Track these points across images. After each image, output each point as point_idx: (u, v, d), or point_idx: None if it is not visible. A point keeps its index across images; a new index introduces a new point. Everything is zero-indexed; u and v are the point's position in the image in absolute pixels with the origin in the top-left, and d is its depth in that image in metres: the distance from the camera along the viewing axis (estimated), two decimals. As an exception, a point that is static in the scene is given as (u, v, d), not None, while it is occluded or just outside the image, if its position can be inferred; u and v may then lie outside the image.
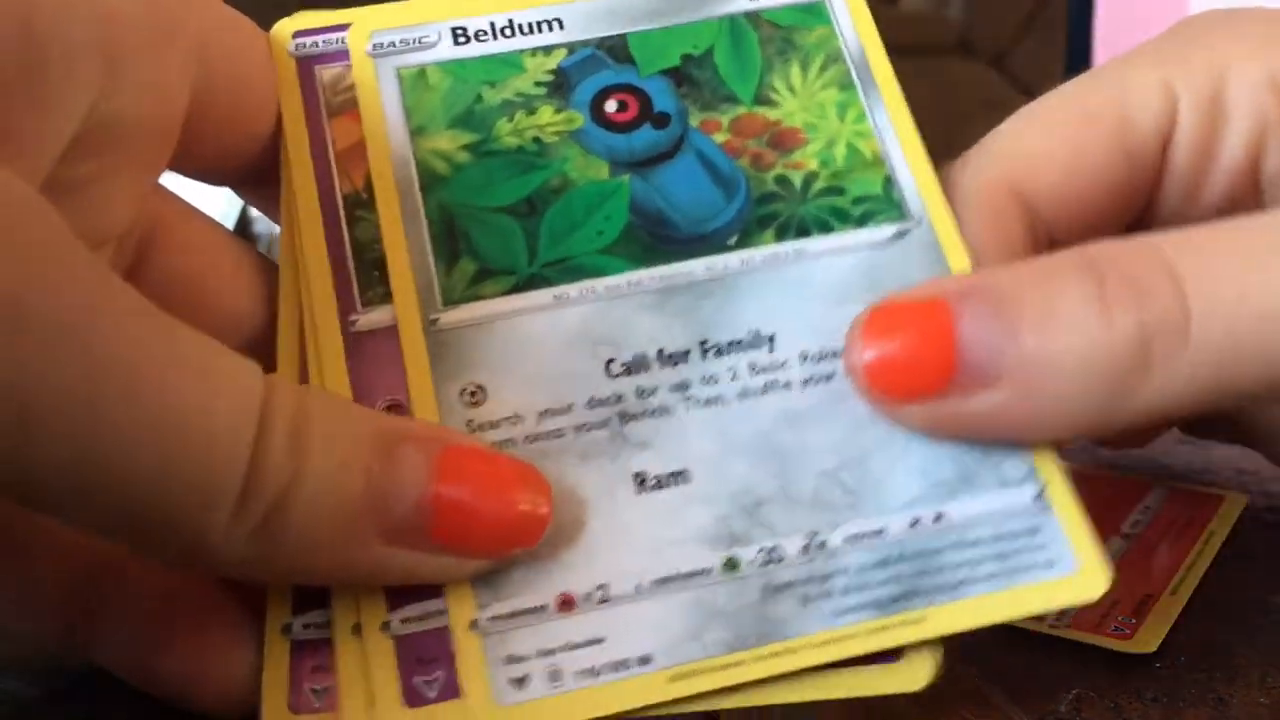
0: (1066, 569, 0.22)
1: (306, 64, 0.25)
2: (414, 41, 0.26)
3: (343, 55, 0.25)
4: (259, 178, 0.25)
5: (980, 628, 0.21)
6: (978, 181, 0.26)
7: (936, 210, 0.25)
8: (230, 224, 0.42)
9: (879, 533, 0.22)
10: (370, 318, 0.23)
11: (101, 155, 0.21)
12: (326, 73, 0.25)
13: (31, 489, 0.18)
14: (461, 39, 0.26)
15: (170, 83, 0.22)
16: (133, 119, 0.22)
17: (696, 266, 0.24)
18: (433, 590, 0.21)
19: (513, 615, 0.21)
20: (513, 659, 0.21)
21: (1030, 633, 0.26)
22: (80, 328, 0.17)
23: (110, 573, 0.22)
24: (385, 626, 0.21)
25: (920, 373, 0.22)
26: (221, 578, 0.22)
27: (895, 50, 0.28)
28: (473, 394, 0.23)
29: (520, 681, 0.21)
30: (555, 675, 0.21)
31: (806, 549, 0.22)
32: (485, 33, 0.26)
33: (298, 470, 0.19)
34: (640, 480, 0.22)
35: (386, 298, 0.23)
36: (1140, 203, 0.28)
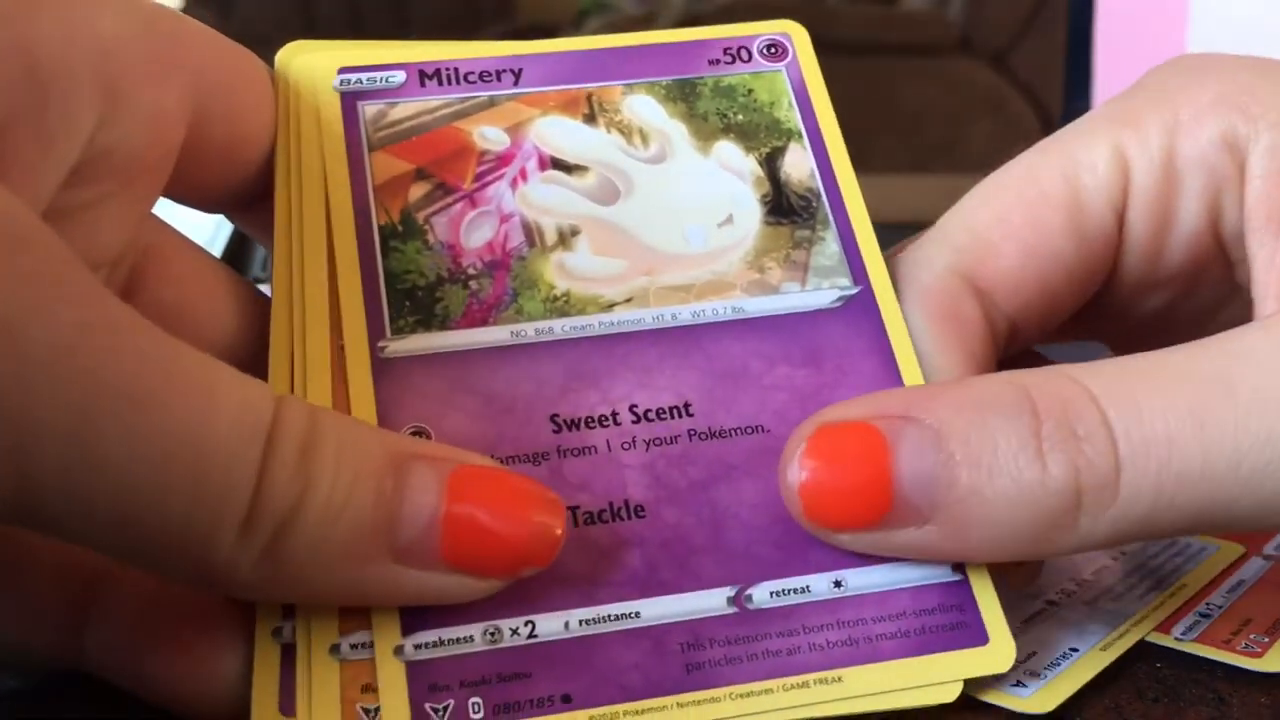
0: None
1: (350, 99, 0.26)
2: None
3: (386, 93, 0.26)
4: (249, 203, 0.25)
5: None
6: (932, 274, 0.26)
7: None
8: (226, 235, 0.42)
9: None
10: (398, 345, 0.23)
11: (98, 183, 0.22)
12: (369, 109, 0.26)
13: (33, 512, 0.18)
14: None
15: (167, 113, 0.22)
16: (130, 148, 0.22)
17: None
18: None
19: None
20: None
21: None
22: (78, 349, 0.17)
23: (105, 580, 0.22)
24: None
25: (855, 507, 0.22)
26: None
27: (895, 50, 0.28)
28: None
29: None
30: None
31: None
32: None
33: (306, 489, 0.19)
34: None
35: (417, 326, 0.24)
36: (1100, 277, 0.28)
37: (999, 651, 0.23)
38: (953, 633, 0.23)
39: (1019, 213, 0.26)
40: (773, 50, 0.28)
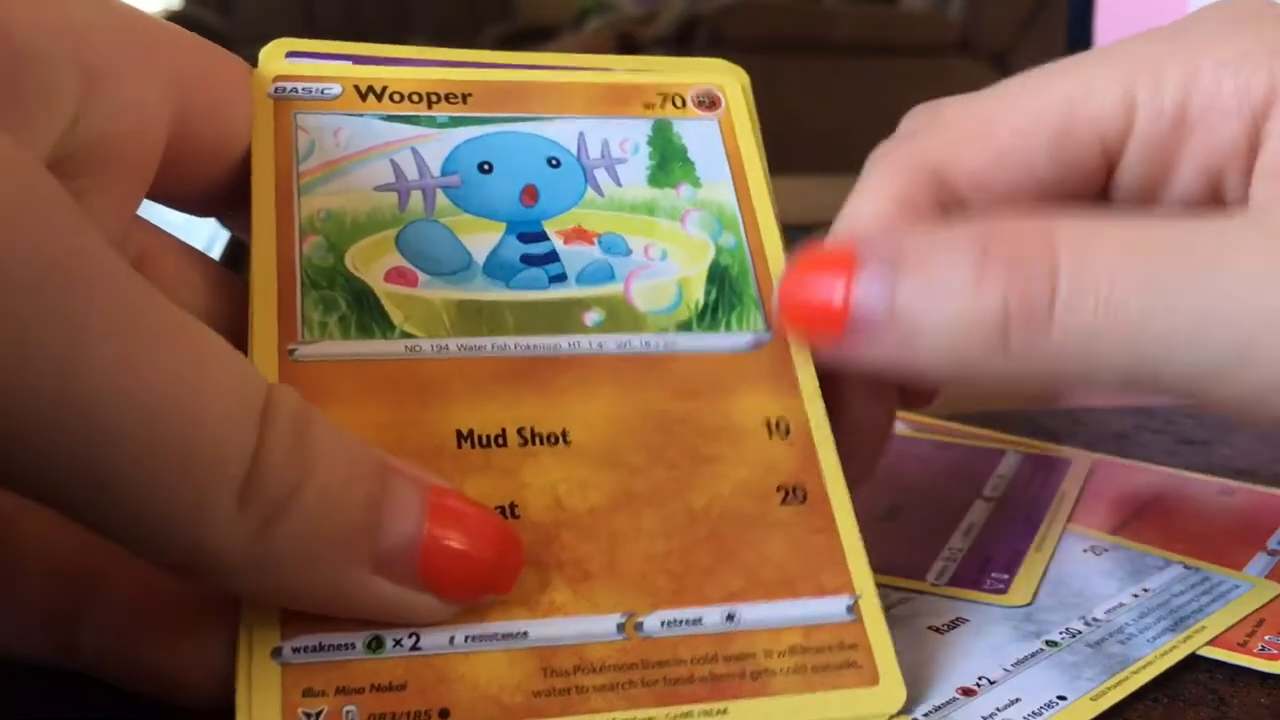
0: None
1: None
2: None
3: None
4: (236, 203, 0.25)
5: None
6: (900, 151, 0.27)
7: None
8: (226, 236, 0.42)
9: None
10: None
11: (81, 176, 0.21)
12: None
13: (10, 455, 0.17)
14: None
15: (149, 104, 0.22)
16: (113, 138, 0.22)
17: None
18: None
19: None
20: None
21: (1031, 635, 0.26)
22: (69, 274, 0.17)
23: (97, 579, 0.22)
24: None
25: (819, 323, 0.24)
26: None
27: (895, 50, 0.28)
28: None
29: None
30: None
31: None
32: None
33: (305, 477, 0.19)
34: None
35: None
36: (1079, 206, 0.28)
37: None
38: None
39: (1006, 118, 0.27)
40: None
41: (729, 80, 0.29)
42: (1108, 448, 0.38)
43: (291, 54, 0.27)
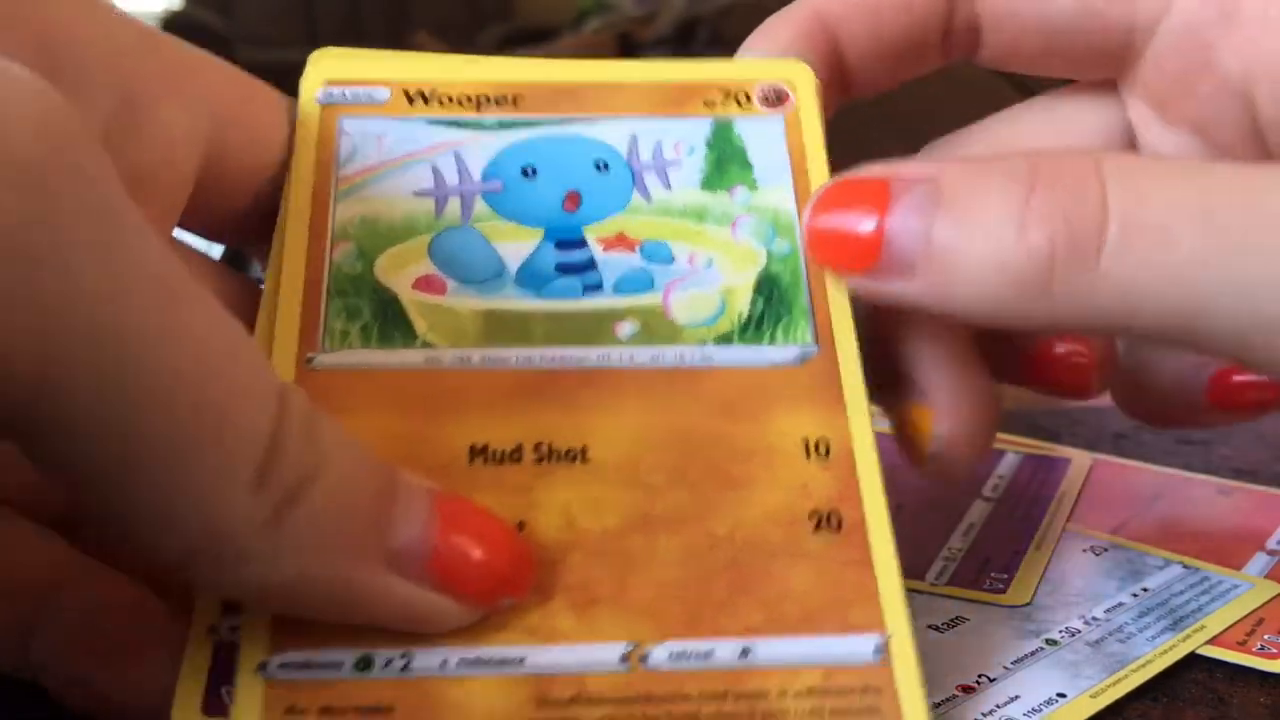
0: None
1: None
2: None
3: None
4: (264, 235, 0.25)
5: None
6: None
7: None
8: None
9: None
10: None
11: None
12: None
13: (51, 402, 0.17)
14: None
15: (183, 134, 0.22)
16: (144, 165, 0.22)
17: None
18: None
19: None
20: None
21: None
22: (115, 238, 0.17)
23: (54, 592, 0.22)
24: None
25: (850, 253, 0.23)
26: (178, 593, 0.22)
27: (895, 51, 0.28)
28: None
29: None
30: None
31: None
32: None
33: (319, 467, 0.19)
34: None
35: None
36: (1094, 68, 0.28)
37: None
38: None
39: None
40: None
41: (801, 77, 0.28)
42: (1107, 448, 0.38)
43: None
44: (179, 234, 0.26)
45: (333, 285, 0.24)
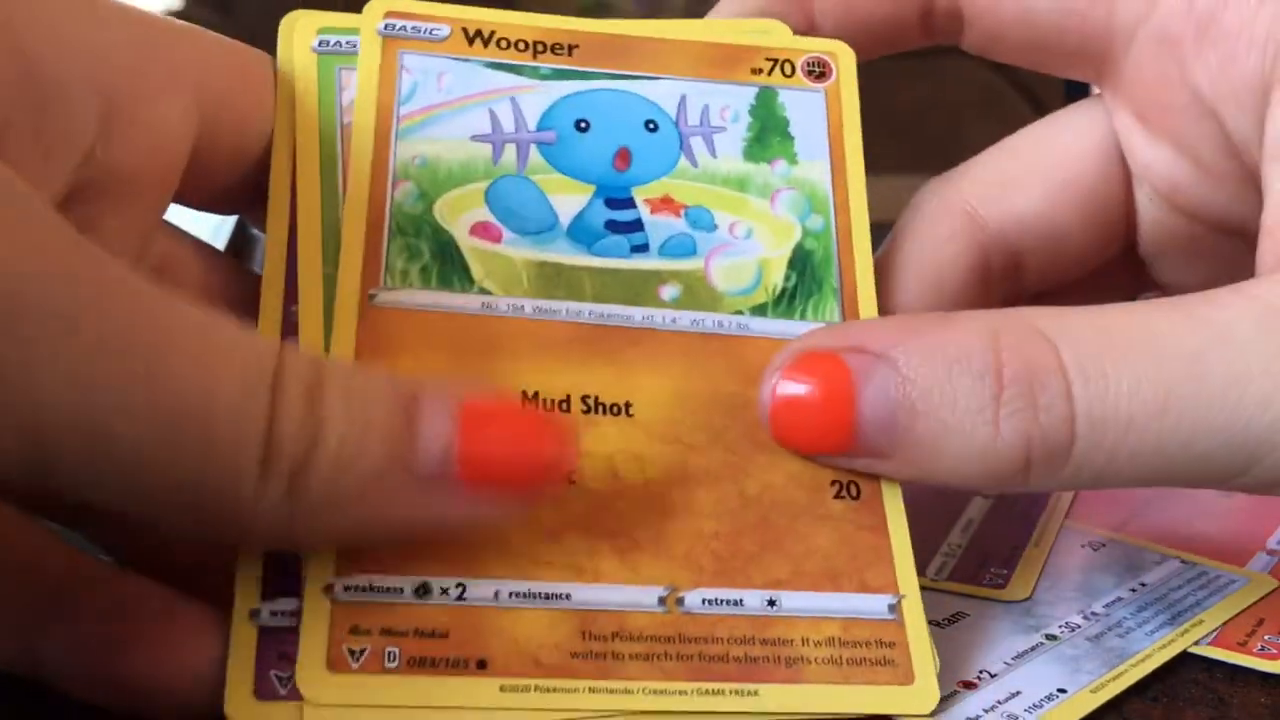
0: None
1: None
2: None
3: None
4: (257, 200, 0.25)
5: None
6: (932, 201, 0.28)
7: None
8: (230, 227, 0.42)
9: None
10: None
11: (100, 199, 0.21)
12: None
13: (50, 479, 0.18)
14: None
15: (171, 128, 0.22)
16: (133, 165, 0.22)
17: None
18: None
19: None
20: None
21: (1030, 631, 0.26)
22: (80, 308, 0.17)
23: (68, 588, 0.22)
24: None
25: (819, 439, 0.24)
26: (186, 577, 0.22)
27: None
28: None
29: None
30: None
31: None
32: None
33: (319, 431, 0.19)
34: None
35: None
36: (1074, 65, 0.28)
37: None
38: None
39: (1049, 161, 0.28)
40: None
41: (843, 52, 0.28)
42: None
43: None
44: (174, 232, 0.26)
45: (395, 224, 0.25)
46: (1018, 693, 0.24)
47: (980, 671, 0.25)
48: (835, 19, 0.28)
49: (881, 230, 0.28)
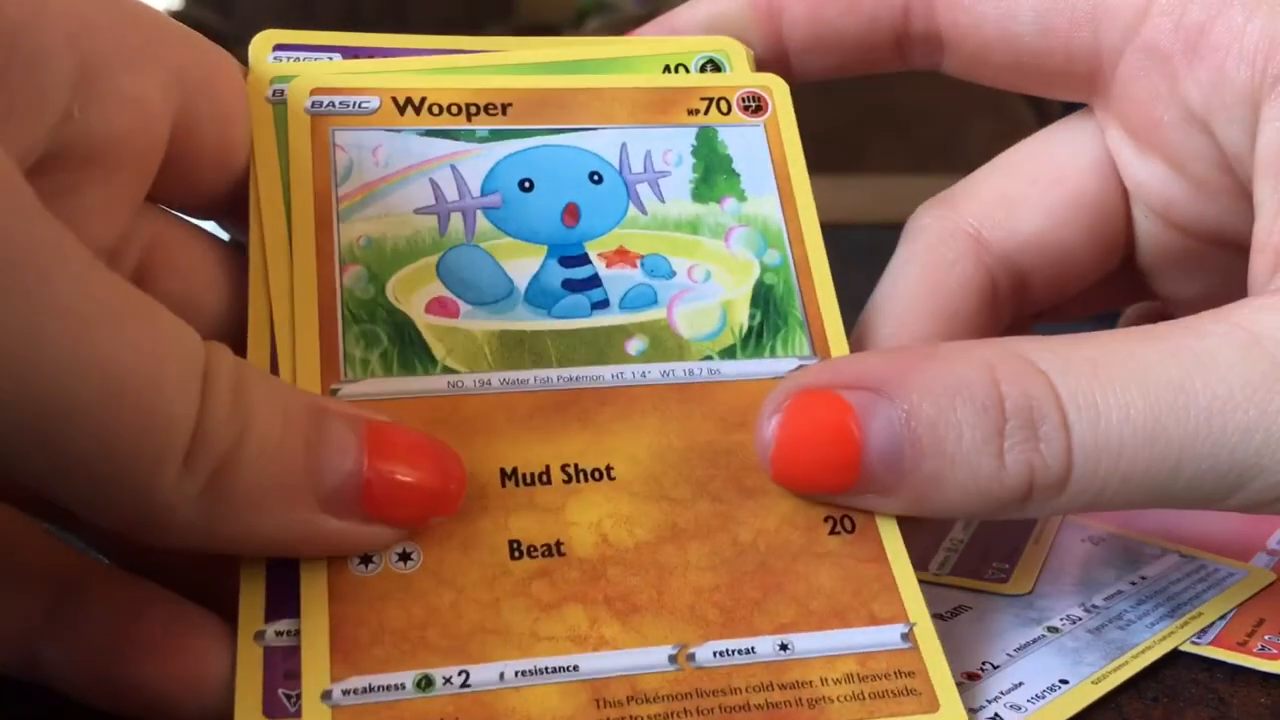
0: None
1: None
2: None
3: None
4: (236, 209, 0.25)
5: None
6: (935, 225, 0.28)
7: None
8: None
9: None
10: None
11: (79, 169, 0.21)
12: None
13: None
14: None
15: (150, 100, 0.22)
16: (112, 133, 0.22)
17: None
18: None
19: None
20: None
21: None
22: (27, 268, 0.17)
23: (73, 591, 0.22)
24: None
25: (823, 477, 0.23)
26: (184, 582, 0.22)
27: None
28: None
29: None
30: None
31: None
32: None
33: (243, 430, 0.19)
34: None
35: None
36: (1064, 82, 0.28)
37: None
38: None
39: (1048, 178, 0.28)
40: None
41: (776, 85, 0.28)
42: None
43: (280, 46, 0.26)
44: (167, 217, 0.26)
45: (348, 311, 0.24)
46: (1020, 684, 0.24)
47: (983, 663, 0.25)
48: (800, 36, 0.28)
49: (882, 230, 0.28)
